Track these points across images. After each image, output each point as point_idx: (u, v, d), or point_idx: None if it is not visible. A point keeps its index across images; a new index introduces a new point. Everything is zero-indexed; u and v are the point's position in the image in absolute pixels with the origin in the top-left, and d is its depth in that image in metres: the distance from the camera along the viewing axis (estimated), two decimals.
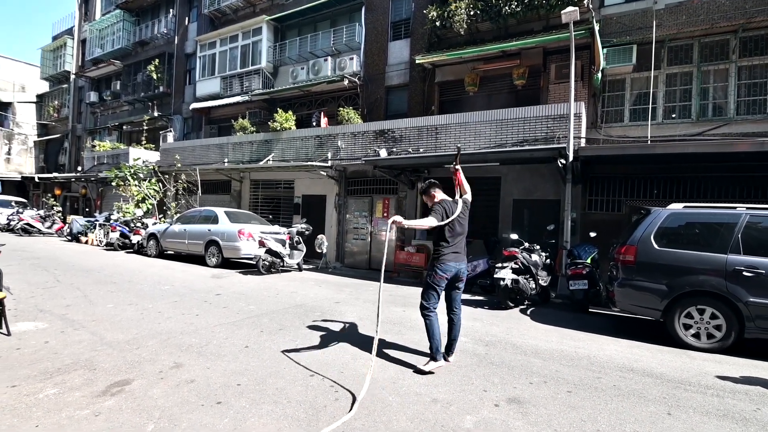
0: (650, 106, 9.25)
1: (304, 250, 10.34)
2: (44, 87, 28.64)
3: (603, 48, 9.26)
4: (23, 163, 27.83)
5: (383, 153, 10.97)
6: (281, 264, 9.82)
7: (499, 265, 7.14)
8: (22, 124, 28.14)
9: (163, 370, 3.57)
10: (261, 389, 3.27)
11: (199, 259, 11.10)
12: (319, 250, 10.84)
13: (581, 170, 8.86)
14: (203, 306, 6.07)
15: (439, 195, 4.11)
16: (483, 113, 9.94)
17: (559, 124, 8.90)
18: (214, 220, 10.95)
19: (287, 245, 9.96)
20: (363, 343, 4.58)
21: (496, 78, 11.15)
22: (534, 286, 7.10)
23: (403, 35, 12.98)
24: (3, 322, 4.44)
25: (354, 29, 13.58)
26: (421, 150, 10.52)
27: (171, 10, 19.88)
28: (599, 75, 9.21)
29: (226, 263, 10.65)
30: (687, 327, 4.99)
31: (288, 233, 10.15)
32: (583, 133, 9.11)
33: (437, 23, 11.27)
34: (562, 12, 8.00)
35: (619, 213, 9.17)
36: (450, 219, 3.82)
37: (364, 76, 13.33)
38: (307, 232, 10.28)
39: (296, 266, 10.30)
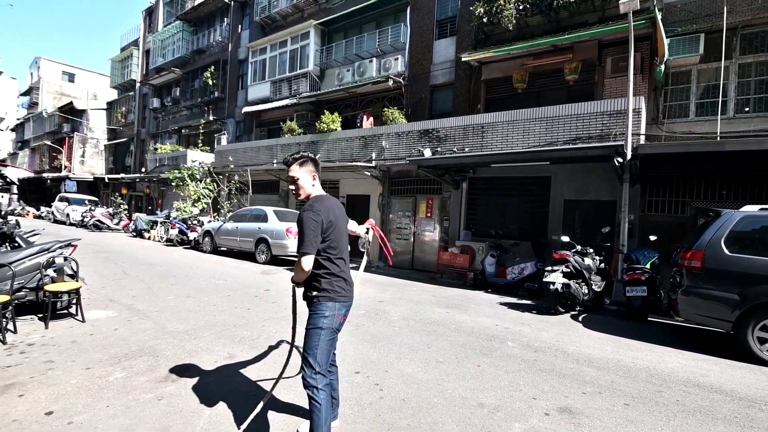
0: (720, 99, 8.50)
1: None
2: (113, 95, 31.32)
3: (666, 38, 8.63)
4: (95, 165, 30.54)
5: (427, 153, 10.89)
6: None
7: (549, 268, 6.85)
8: (94, 129, 30.92)
9: (217, 360, 3.76)
10: None
11: (249, 256, 11.58)
12: (362, 249, 10.96)
13: (640, 169, 8.33)
14: (254, 301, 6.34)
15: (318, 186, 2.64)
16: (532, 110, 9.59)
17: (615, 121, 8.41)
18: (263, 218, 11.39)
19: None
20: (407, 343, 4.58)
21: (547, 74, 10.71)
22: (587, 291, 6.76)
23: (448, 33, 12.81)
24: (79, 309, 4.89)
25: (399, 29, 13.60)
26: (467, 149, 10.34)
27: (225, 19, 20.93)
28: (662, 67, 8.59)
29: (275, 260, 11.03)
30: (762, 341, 4.54)
31: None
32: (643, 130, 8.54)
33: (484, 19, 11.01)
34: (621, 2, 7.56)
35: (683, 215, 8.52)
36: (330, 232, 2.54)
37: (409, 76, 13.31)
38: None
39: None
